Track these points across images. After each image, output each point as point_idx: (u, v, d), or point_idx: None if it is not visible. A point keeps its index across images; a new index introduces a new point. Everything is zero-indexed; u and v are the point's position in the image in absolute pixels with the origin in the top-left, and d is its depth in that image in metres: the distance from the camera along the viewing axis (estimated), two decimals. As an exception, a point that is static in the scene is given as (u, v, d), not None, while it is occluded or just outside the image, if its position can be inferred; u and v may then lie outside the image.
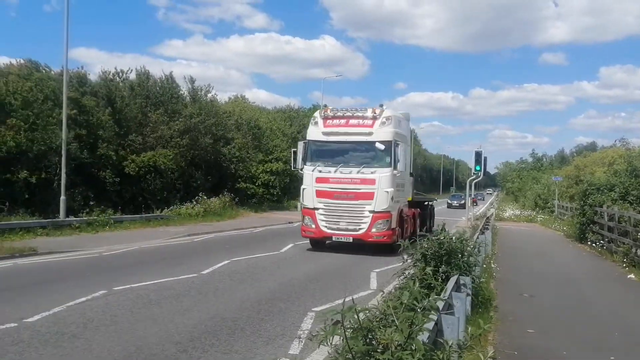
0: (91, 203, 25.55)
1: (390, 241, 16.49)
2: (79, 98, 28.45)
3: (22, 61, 30.34)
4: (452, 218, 34.07)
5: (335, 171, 17.20)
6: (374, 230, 16.79)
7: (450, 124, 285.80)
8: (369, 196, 16.81)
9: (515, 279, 13.71)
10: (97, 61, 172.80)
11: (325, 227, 17.29)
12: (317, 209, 17.38)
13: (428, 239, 8.88)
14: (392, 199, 16.86)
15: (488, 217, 29.36)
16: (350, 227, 17.05)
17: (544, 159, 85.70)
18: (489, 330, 7.56)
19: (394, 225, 17.11)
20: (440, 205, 55.72)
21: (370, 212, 16.81)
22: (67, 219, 21.97)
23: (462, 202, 56.64)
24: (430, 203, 26.31)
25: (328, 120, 17.72)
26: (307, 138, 18.08)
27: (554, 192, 44.13)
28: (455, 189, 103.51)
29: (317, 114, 18.36)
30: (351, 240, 17.05)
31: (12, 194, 23.33)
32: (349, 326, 3.61)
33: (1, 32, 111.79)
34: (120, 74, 35.46)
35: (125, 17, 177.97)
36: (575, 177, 43.28)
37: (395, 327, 3.60)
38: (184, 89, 39.80)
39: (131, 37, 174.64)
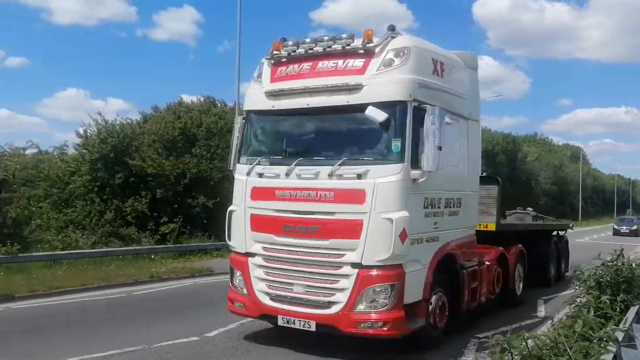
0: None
1: (397, 333, 7.52)
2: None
3: (201, 98, 33.39)
4: (622, 243, 31.01)
5: (288, 174, 8.13)
6: (361, 307, 7.46)
7: (622, 140, 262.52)
8: (350, 230, 7.57)
9: None
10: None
11: (266, 294, 8.32)
12: (252, 254, 8.51)
13: (603, 264, 8.37)
14: (403, 235, 7.34)
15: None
16: (311, 298, 7.88)
17: None
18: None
19: (411, 296, 7.64)
20: (605, 231, 48.81)
21: (354, 266, 7.54)
22: (239, 241, 23.36)
23: (635, 227, 46.50)
24: (559, 233, 16.58)
25: (280, 68, 8.59)
26: (244, 107, 9.43)
27: None
28: (632, 210, 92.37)
29: (264, 58, 8.89)
30: (312, 328, 7.78)
31: (191, 218, 25.44)
32: (516, 353, 3.55)
33: (183, 74, 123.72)
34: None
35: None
36: None
37: (567, 357, 3.47)
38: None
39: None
